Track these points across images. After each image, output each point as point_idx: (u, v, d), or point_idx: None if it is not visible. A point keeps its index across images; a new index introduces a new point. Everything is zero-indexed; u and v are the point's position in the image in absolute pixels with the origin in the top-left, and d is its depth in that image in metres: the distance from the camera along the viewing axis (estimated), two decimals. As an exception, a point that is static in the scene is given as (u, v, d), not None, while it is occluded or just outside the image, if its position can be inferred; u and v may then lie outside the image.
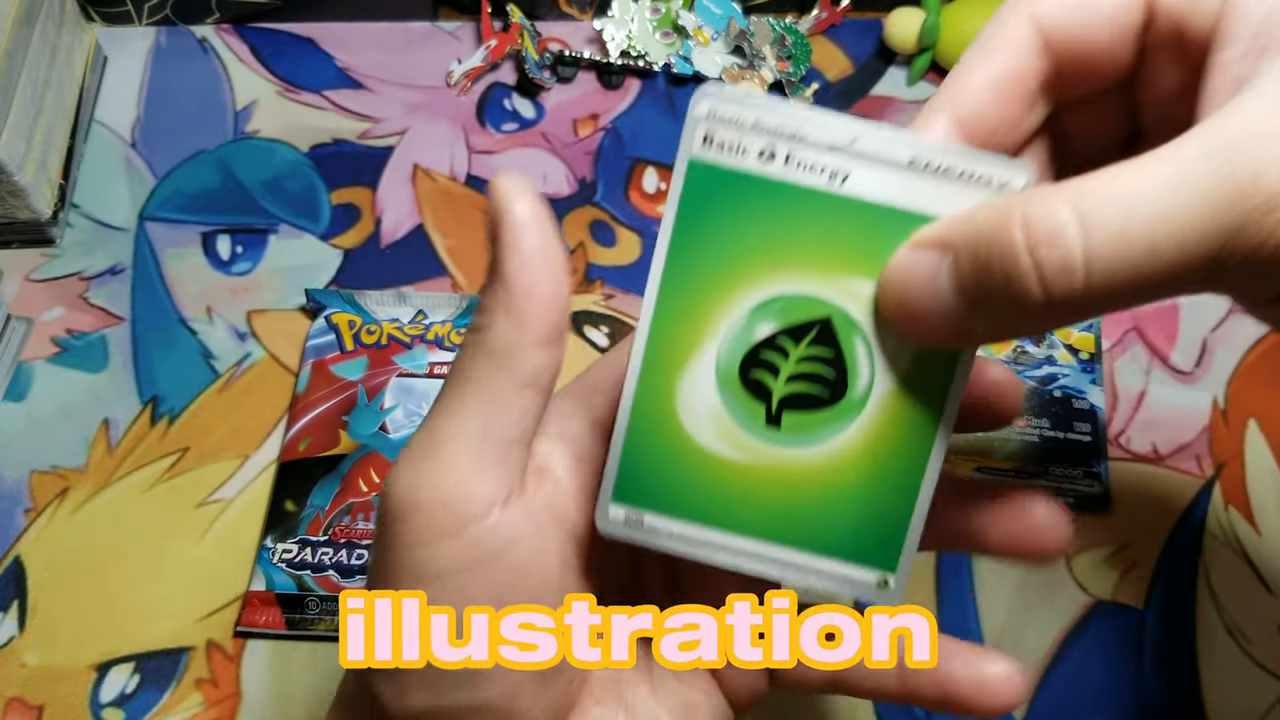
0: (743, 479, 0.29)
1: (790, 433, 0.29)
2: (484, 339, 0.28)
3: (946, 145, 0.27)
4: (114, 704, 0.47)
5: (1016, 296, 0.23)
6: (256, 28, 0.66)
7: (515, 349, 0.28)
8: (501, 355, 0.28)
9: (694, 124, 0.27)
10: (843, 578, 0.30)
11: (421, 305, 0.55)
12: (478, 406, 0.28)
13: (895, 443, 0.29)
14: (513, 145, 0.62)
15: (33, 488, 0.52)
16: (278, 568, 0.49)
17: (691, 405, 0.29)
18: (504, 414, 0.28)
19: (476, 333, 0.28)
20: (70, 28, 0.61)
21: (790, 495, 0.29)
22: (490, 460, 0.28)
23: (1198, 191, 0.21)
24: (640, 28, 0.63)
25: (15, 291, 0.57)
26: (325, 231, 0.59)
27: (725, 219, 0.28)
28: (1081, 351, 0.54)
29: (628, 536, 0.30)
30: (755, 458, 0.29)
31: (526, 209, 0.28)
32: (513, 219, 0.28)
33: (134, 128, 0.62)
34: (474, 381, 0.28)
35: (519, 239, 0.28)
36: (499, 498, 0.28)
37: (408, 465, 0.28)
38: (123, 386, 0.54)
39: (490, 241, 0.28)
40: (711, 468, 0.30)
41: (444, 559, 0.28)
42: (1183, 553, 0.50)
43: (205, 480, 0.52)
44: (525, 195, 0.28)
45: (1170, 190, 0.22)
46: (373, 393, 0.53)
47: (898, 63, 0.64)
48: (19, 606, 0.49)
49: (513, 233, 0.28)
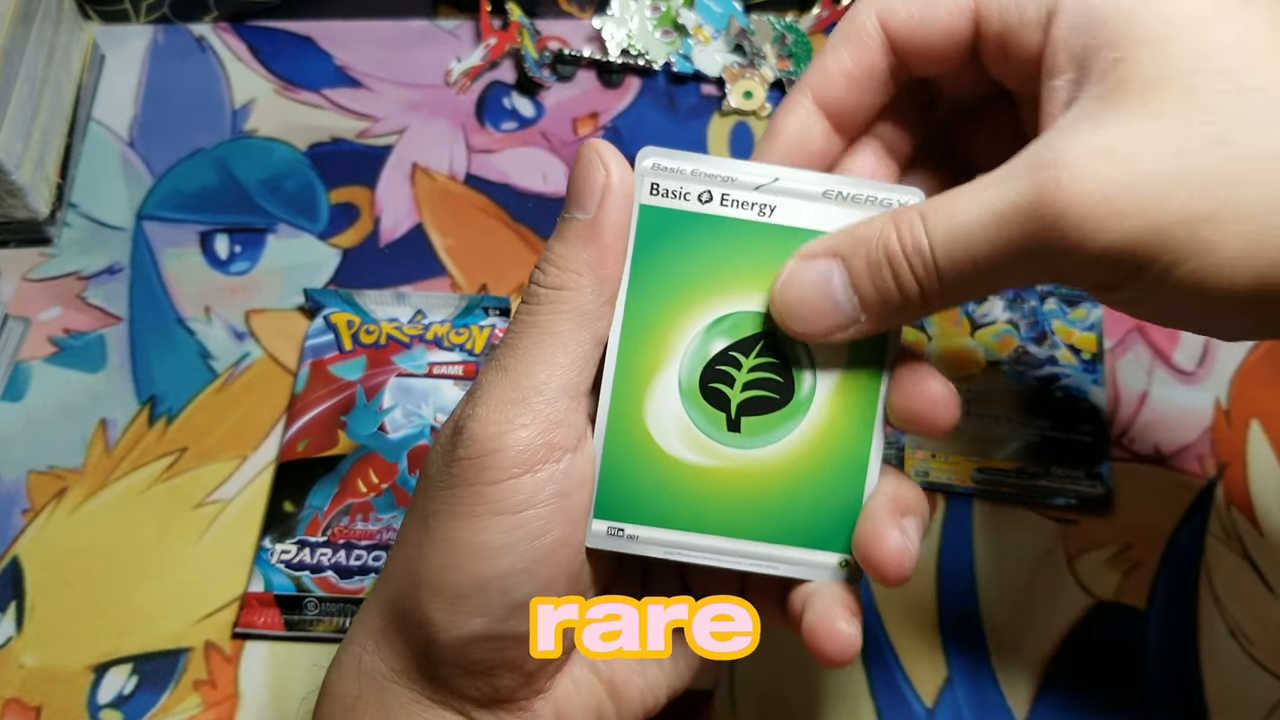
0: (711, 482, 0.33)
1: (750, 435, 0.33)
2: (570, 298, 0.31)
3: (853, 179, 0.32)
4: (112, 705, 0.47)
5: (904, 289, 0.30)
6: (254, 26, 0.65)
7: (596, 309, 0.32)
8: (588, 315, 0.31)
9: (641, 175, 0.32)
10: (808, 564, 0.33)
11: (420, 305, 0.55)
12: (565, 361, 0.31)
13: (839, 434, 0.33)
14: (512, 144, 0.62)
15: (30, 488, 0.52)
16: (276, 569, 0.48)
17: (660, 420, 0.33)
18: (582, 369, 0.32)
19: (560, 290, 0.31)
20: (68, 26, 0.61)
21: (755, 492, 0.33)
22: (567, 409, 0.31)
23: (1000, 210, 0.28)
24: (640, 26, 0.62)
25: (13, 291, 0.57)
26: (324, 231, 0.59)
27: (675, 252, 0.33)
28: (1084, 351, 0.54)
29: (613, 547, 0.33)
30: (721, 462, 0.33)
31: (623, 175, 0.31)
32: (614, 184, 0.31)
33: (132, 126, 0.62)
34: (560, 336, 0.31)
35: (619, 204, 0.31)
36: (573, 444, 0.32)
37: (495, 409, 0.31)
38: (120, 386, 0.54)
39: (579, 201, 0.32)
40: (683, 476, 0.33)
41: (526, 494, 0.31)
42: (1185, 553, 0.50)
43: (203, 481, 0.52)
44: (620, 161, 0.31)
45: (981, 207, 0.28)
46: (371, 393, 0.52)
47: (899, 61, 0.64)
48: (16, 607, 0.49)
49: (614, 198, 0.31)
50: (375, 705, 0.33)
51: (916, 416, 0.32)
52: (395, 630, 0.33)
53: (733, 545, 0.33)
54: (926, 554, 0.50)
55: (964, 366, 0.54)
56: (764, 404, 0.33)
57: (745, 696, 0.47)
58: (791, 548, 0.33)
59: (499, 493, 0.30)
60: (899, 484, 0.33)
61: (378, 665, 0.33)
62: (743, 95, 0.62)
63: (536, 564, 0.31)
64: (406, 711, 0.33)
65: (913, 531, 0.32)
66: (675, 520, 0.33)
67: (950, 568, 0.50)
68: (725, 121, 0.62)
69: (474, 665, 0.32)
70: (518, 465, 0.30)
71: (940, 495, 0.51)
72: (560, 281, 0.31)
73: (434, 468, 0.32)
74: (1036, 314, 0.55)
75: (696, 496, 0.33)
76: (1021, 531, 0.51)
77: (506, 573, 0.31)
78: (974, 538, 0.51)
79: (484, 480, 0.31)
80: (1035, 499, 0.51)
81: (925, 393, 0.32)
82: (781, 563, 0.33)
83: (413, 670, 0.33)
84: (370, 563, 0.48)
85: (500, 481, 0.30)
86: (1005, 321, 0.55)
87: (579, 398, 0.32)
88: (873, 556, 0.32)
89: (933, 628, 0.49)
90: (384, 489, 0.50)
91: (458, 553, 0.31)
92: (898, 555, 0.31)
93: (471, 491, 0.31)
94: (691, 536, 0.33)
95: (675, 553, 0.33)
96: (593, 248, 0.31)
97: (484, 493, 0.31)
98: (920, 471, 0.51)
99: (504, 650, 0.32)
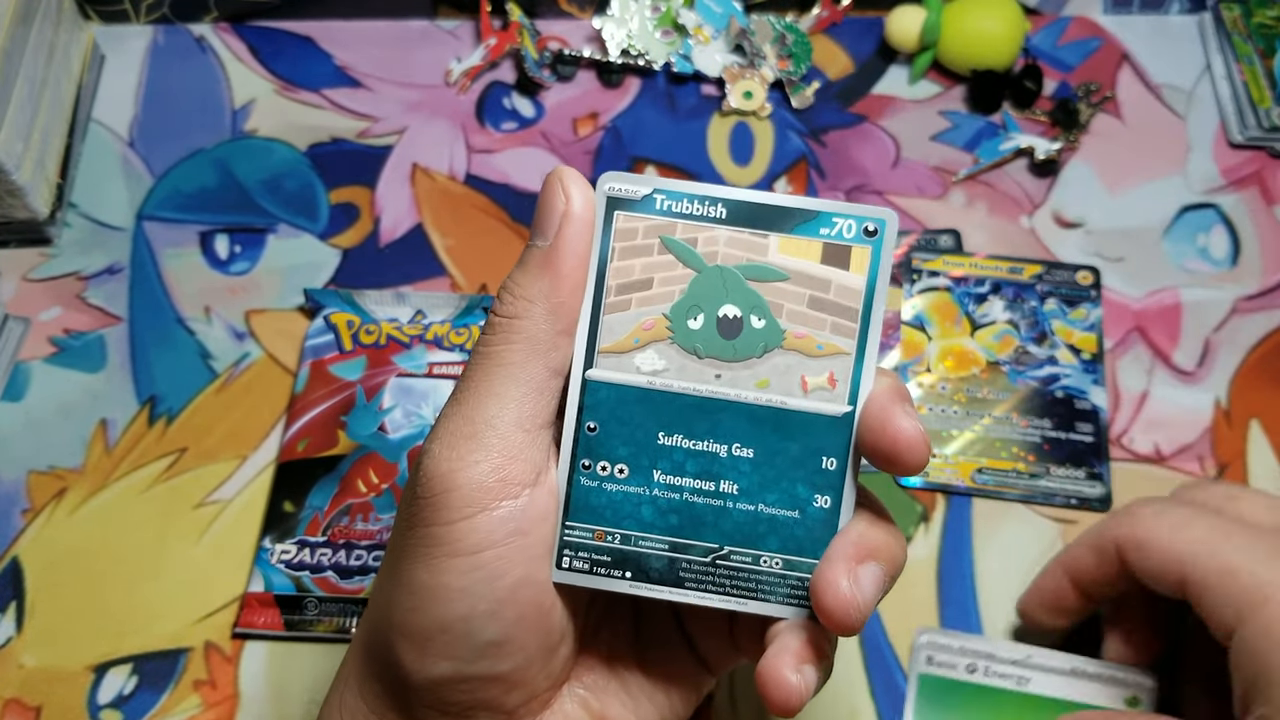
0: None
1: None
2: (523, 327, 0.30)
3: (1095, 660, 0.44)
4: (112, 705, 0.47)
5: None
6: (254, 26, 0.65)
7: (550, 339, 0.31)
8: (541, 345, 0.30)
9: (601, 197, 0.31)
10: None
11: (420, 305, 0.55)
12: (517, 393, 0.30)
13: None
14: (512, 144, 0.62)
15: (30, 488, 0.52)
16: (276, 569, 0.48)
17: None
18: (538, 400, 0.31)
19: (512, 320, 0.31)
20: (68, 26, 0.61)
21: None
22: (524, 443, 0.30)
23: None
24: (640, 26, 0.62)
25: (13, 291, 0.57)
26: (324, 231, 0.59)
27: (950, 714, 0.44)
28: (1084, 352, 0.54)
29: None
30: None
31: (584, 203, 0.31)
32: (574, 213, 0.30)
33: (132, 127, 0.62)
34: (512, 367, 0.30)
35: (578, 231, 0.31)
36: (530, 479, 0.30)
37: (447, 445, 0.30)
38: (120, 386, 0.54)
39: (539, 229, 0.31)
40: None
41: (483, 534, 0.30)
42: (1185, 553, 0.50)
43: (203, 481, 0.52)
44: (582, 188, 0.31)
45: None
46: (371, 393, 0.52)
47: (899, 61, 0.64)
48: (16, 607, 0.49)
49: (572, 226, 0.30)
50: None
51: (884, 455, 0.31)
52: (373, 671, 0.33)
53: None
54: (926, 554, 0.50)
55: (964, 366, 0.54)
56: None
57: (745, 697, 0.47)
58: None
59: (455, 533, 0.30)
60: (870, 526, 0.31)
61: (360, 706, 0.33)
62: (743, 95, 0.62)
63: (500, 604, 0.30)
64: None
65: (866, 580, 0.30)
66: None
67: (950, 568, 0.50)
68: (725, 122, 0.62)
69: (449, 706, 0.31)
70: (471, 504, 0.29)
71: (940, 495, 0.51)
72: (514, 310, 0.31)
73: (402, 505, 0.31)
74: (1036, 314, 0.55)
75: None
76: (1021, 531, 0.51)
77: (468, 615, 0.30)
78: (974, 538, 0.51)
79: (440, 521, 0.30)
80: (1035, 499, 0.51)
81: (895, 431, 0.31)
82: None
83: (393, 711, 0.32)
84: (370, 563, 0.48)
85: (455, 522, 0.29)
86: (1005, 321, 0.55)
87: (535, 431, 0.31)
88: (819, 603, 0.30)
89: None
90: (384, 489, 0.50)
91: (419, 595, 0.30)
92: (843, 605, 0.30)
93: (429, 533, 0.30)
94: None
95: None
96: (548, 275, 0.30)
97: (440, 534, 0.30)
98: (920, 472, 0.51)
99: (477, 691, 0.31)
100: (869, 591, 0.30)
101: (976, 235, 0.58)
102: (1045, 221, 0.59)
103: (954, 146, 0.61)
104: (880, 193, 0.59)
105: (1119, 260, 0.57)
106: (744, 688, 0.47)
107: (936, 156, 0.61)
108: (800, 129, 0.62)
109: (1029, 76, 0.61)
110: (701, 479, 0.32)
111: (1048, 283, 0.56)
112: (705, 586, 0.32)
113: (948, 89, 0.63)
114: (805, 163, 0.61)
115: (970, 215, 0.59)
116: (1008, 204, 0.59)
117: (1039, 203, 0.59)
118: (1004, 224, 0.59)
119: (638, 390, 0.31)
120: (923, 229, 0.58)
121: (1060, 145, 0.60)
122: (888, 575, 0.31)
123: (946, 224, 0.58)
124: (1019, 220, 0.59)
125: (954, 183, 0.60)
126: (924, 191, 0.60)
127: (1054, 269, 0.56)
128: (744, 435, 0.31)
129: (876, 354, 0.31)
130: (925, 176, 0.60)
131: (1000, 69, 0.61)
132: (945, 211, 0.59)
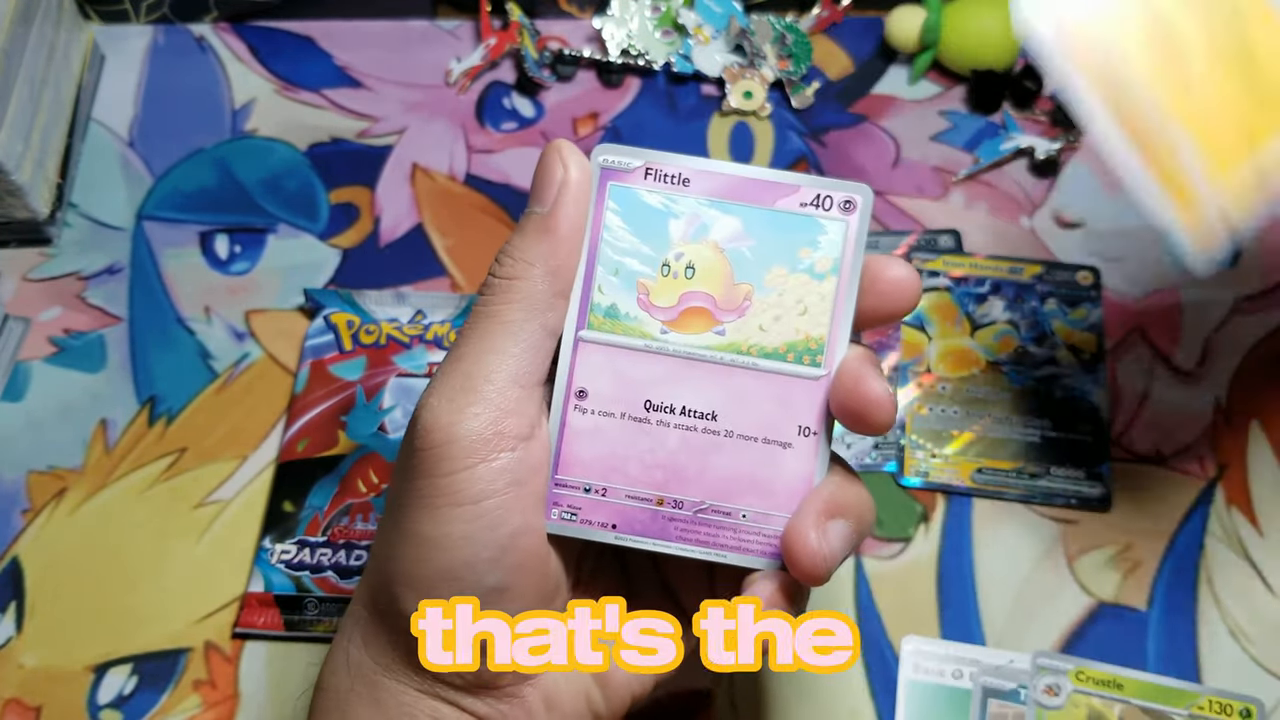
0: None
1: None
2: (521, 288, 0.32)
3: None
4: (112, 705, 0.47)
5: None
6: (255, 26, 0.65)
7: (548, 300, 0.32)
8: (539, 305, 0.32)
9: (595, 168, 0.33)
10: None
11: (420, 305, 0.55)
12: (515, 350, 0.32)
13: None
14: (512, 144, 0.62)
15: (30, 488, 0.52)
16: (276, 569, 0.48)
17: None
18: (534, 358, 0.32)
19: (512, 280, 0.32)
20: (68, 26, 0.61)
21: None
22: (520, 398, 0.32)
23: None
24: (640, 26, 0.62)
25: (12, 291, 0.57)
26: (324, 231, 0.59)
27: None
28: (1084, 352, 0.54)
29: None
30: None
31: (581, 173, 0.32)
32: (571, 180, 0.32)
33: (132, 126, 0.62)
34: (511, 325, 0.32)
35: (575, 199, 0.32)
36: (525, 432, 0.32)
37: (445, 399, 0.31)
38: (120, 386, 0.54)
39: (537, 196, 0.32)
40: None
41: (484, 483, 0.31)
42: (1185, 554, 0.50)
43: (203, 481, 0.52)
44: (579, 159, 0.32)
45: None
46: (371, 393, 0.52)
47: (899, 61, 0.64)
48: (16, 607, 0.49)
49: (570, 193, 0.32)
50: (368, 698, 0.34)
51: (854, 414, 0.32)
52: (379, 623, 0.34)
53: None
54: (926, 554, 0.50)
55: (964, 366, 0.54)
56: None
57: (745, 697, 0.47)
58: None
59: (457, 483, 0.31)
60: (841, 485, 0.33)
61: (366, 658, 0.34)
62: (743, 95, 0.62)
63: (502, 551, 0.32)
64: (397, 702, 0.33)
65: (834, 535, 0.32)
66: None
67: (950, 568, 0.50)
68: (725, 121, 0.62)
69: None
70: (471, 455, 0.31)
71: (940, 495, 0.51)
72: (513, 272, 0.32)
73: (399, 459, 0.33)
74: (1036, 314, 0.55)
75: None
76: (1021, 531, 0.51)
77: (472, 561, 0.31)
78: (974, 538, 0.51)
79: (441, 472, 0.31)
80: (1035, 499, 0.51)
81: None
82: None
83: (399, 662, 0.33)
84: (370, 563, 0.49)
85: (457, 472, 0.31)
86: (1005, 321, 0.55)
87: (531, 387, 0.32)
88: (789, 553, 0.32)
89: (933, 628, 0.49)
90: (384, 489, 0.50)
91: (424, 545, 0.31)
92: (811, 557, 0.32)
93: (430, 483, 0.31)
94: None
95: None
96: (547, 240, 0.32)
97: (442, 484, 0.31)
98: (920, 471, 0.51)
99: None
100: (836, 546, 0.32)
101: (976, 235, 0.58)
102: (1045, 222, 0.59)
103: (954, 146, 0.61)
104: (880, 193, 0.59)
105: (1119, 260, 0.57)
106: (744, 688, 0.47)
107: (936, 156, 0.61)
108: (800, 129, 0.62)
109: (1029, 76, 0.61)
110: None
111: (1048, 283, 0.56)
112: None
113: (948, 89, 0.63)
114: (805, 163, 0.61)
115: (970, 215, 0.59)
116: (1008, 204, 0.59)
117: (1039, 203, 0.59)
118: (1004, 224, 0.59)
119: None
120: (923, 229, 0.58)
121: (1060, 145, 0.60)
122: (855, 532, 0.33)
123: (946, 224, 0.58)
124: (1019, 220, 0.59)
125: (954, 183, 0.60)
126: (924, 191, 0.60)
127: (1054, 269, 0.56)
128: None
129: (851, 321, 0.33)
130: (925, 176, 0.60)
131: (1000, 69, 0.61)
132: (945, 211, 0.59)
